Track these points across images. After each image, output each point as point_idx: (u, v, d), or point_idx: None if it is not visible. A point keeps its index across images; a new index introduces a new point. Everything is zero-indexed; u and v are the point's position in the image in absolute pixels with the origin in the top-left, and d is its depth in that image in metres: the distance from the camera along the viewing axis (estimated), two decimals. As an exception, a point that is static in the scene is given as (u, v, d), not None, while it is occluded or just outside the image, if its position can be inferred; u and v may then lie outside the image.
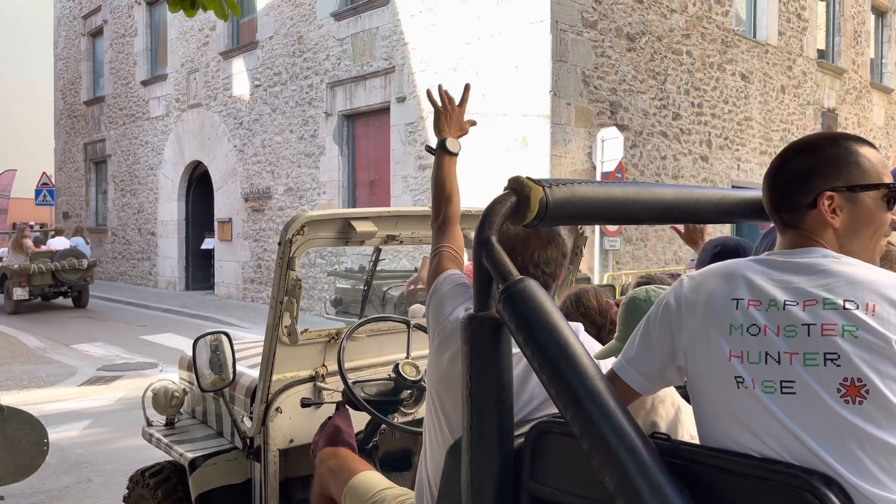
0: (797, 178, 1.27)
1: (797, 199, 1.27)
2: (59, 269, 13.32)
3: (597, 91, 9.92)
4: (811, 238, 1.26)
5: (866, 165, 1.26)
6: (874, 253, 1.28)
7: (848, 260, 1.21)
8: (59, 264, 13.36)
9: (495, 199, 1.52)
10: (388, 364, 2.52)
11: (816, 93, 14.15)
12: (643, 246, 10.84)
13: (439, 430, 1.69)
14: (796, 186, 1.27)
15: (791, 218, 1.29)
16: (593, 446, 1.24)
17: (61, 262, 13.42)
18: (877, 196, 1.25)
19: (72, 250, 14.08)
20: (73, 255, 13.74)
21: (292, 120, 13.29)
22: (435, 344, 1.72)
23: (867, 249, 1.27)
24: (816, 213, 1.25)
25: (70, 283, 13.59)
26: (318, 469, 2.23)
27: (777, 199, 1.31)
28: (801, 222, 1.27)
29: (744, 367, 1.18)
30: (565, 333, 1.34)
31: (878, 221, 1.27)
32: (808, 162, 1.27)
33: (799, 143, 1.33)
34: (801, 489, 1.08)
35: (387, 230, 2.35)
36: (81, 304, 14.15)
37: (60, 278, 13.35)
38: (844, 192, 1.24)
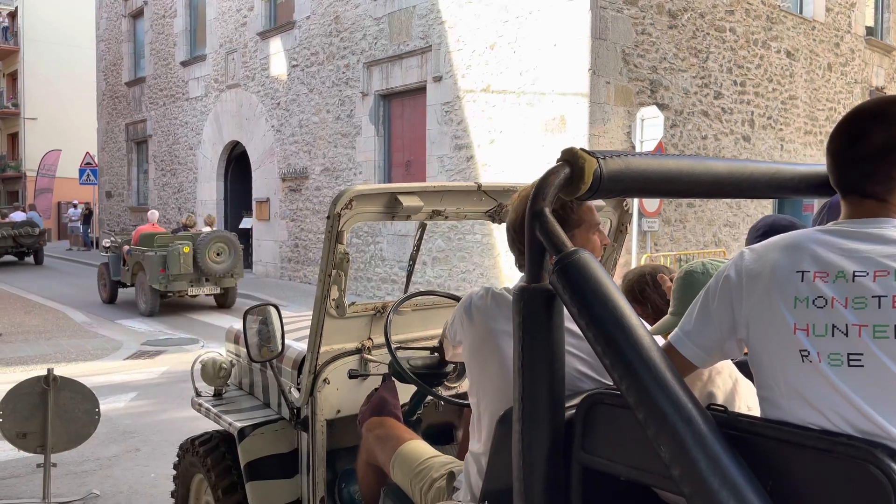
0: (887, 151, 1.22)
1: (891, 172, 1.22)
2: (18, 234, 18.18)
3: (637, 69, 9.75)
4: (891, 210, 1.22)
5: None
6: None
7: None
8: (18, 231, 18.17)
9: (549, 170, 1.52)
10: (433, 338, 2.55)
11: (864, 71, 13.72)
12: (682, 227, 10.69)
13: (479, 399, 1.72)
14: (888, 159, 1.22)
15: (880, 190, 1.23)
16: (649, 416, 1.24)
17: (19, 229, 18.25)
18: None
19: (28, 221, 19.03)
20: (28, 224, 18.70)
21: (329, 100, 13.35)
22: (464, 321, 1.78)
23: None
24: None
25: (27, 246, 18.54)
26: (364, 438, 2.26)
27: (865, 170, 1.25)
28: (889, 194, 1.23)
29: (809, 341, 1.16)
30: (621, 304, 1.33)
31: None
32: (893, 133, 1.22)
33: (871, 112, 1.26)
34: (864, 461, 1.07)
35: (432, 205, 2.36)
36: (38, 260, 19.05)
37: (20, 242, 18.25)
38: None
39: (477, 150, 10.59)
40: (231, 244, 10.79)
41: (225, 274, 10.69)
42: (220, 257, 10.65)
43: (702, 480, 1.15)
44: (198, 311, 11.26)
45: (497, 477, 1.60)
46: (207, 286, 10.73)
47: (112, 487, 4.28)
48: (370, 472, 2.26)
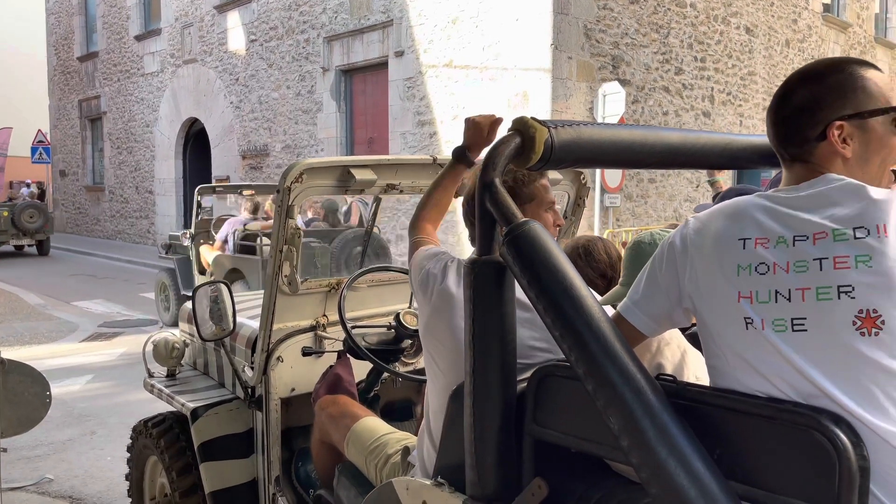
0: (803, 110, 1.22)
1: (805, 132, 1.22)
2: None
3: (598, 45, 9.75)
4: (820, 171, 1.21)
5: (874, 89, 1.20)
6: (882, 181, 1.23)
7: (852, 185, 1.16)
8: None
9: (499, 140, 1.49)
10: (389, 314, 2.51)
11: (821, 47, 13.93)
12: (643, 203, 10.79)
13: (434, 374, 1.69)
14: (803, 118, 1.22)
15: (799, 152, 1.23)
16: (598, 387, 1.23)
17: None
18: (886, 121, 1.20)
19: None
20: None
21: (289, 75, 13.10)
22: (418, 296, 1.74)
23: (876, 178, 1.22)
24: (826, 144, 1.20)
25: None
26: (317, 416, 2.23)
27: (783, 133, 1.26)
28: (809, 156, 1.22)
29: (753, 308, 1.16)
30: (570, 275, 1.31)
31: (888, 147, 1.21)
32: (814, 92, 1.21)
33: (801, 72, 1.26)
34: (809, 428, 1.07)
35: (387, 179, 2.31)
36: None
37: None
38: (854, 119, 1.19)
39: (440, 127, 10.51)
40: (40, 209, 16.29)
41: (37, 231, 16.03)
42: (32, 219, 15.98)
43: (650, 450, 1.15)
44: (156, 292, 11.04)
45: (450, 451, 1.59)
46: (25, 239, 16.22)
47: (66, 471, 4.18)
48: (324, 451, 2.23)
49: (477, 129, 1.89)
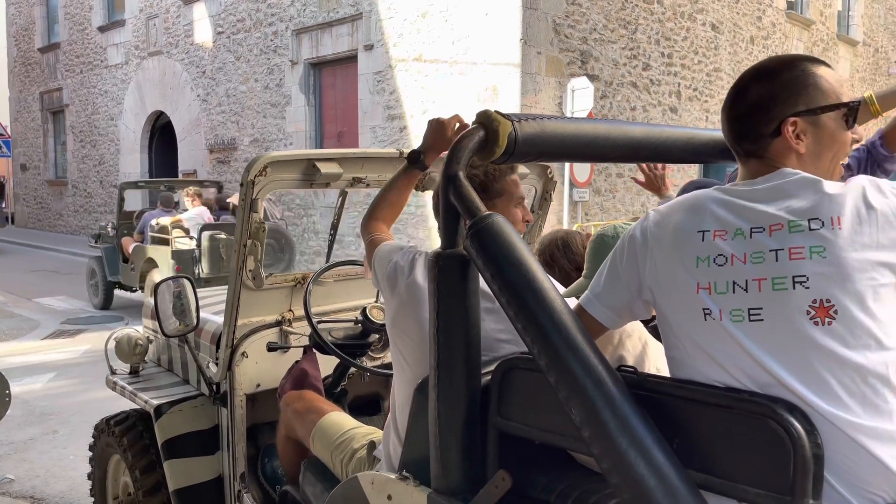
0: (758, 107, 1.24)
1: (760, 129, 1.24)
2: None
3: (567, 40, 9.79)
4: (774, 166, 1.24)
5: (825, 86, 1.23)
6: (833, 175, 1.27)
7: (807, 178, 1.19)
8: None
9: (463, 133, 1.49)
10: (356, 308, 2.50)
11: (785, 44, 14.17)
12: (612, 197, 10.89)
13: (400, 368, 1.69)
14: (758, 115, 1.24)
15: (754, 148, 1.26)
16: (560, 379, 1.23)
17: None
18: (837, 116, 1.23)
19: None
20: None
21: (257, 69, 12.94)
22: (385, 290, 1.73)
23: (828, 173, 1.25)
24: (781, 140, 1.23)
25: None
26: (283, 412, 2.22)
27: (739, 129, 1.28)
28: (764, 151, 1.25)
29: (711, 299, 1.18)
30: (533, 268, 1.32)
31: (839, 142, 1.25)
32: (767, 89, 1.24)
33: (754, 70, 1.29)
34: (764, 416, 1.09)
35: (353, 172, 2.29)
36: None
37: None
38: (807, 115, 1.22)
39: (410, 121, 10.48)
40: None
41: None
42: None
43: (610, 441, 1.16)
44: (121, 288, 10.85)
45: (415, 445, 1.59)
46: None
47: (28, 471, 4.09)
48: (290, 447, 2.22)
49: (441, 129, 1.89)
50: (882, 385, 1.09)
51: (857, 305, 1.08)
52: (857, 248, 1.10)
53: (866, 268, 1.09)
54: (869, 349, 1.08)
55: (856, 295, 1.09)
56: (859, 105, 1.25)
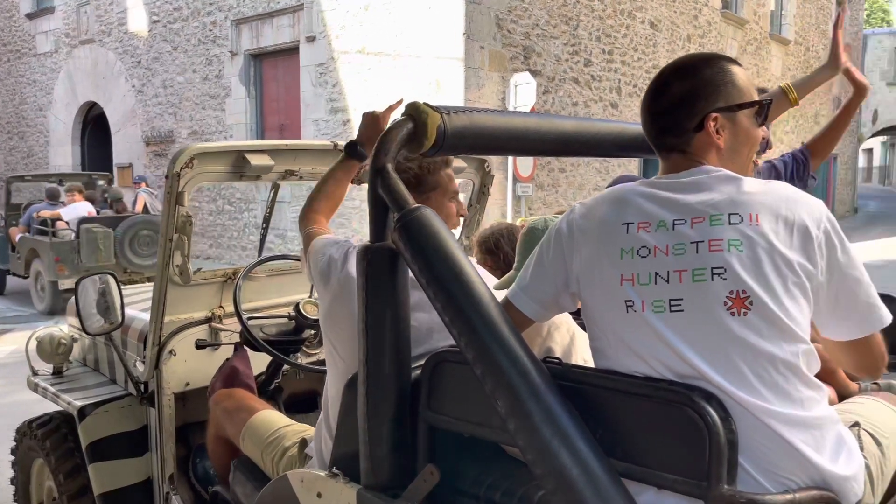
0: (682, 102, 1.27)
1: (683, 123, 1.27)
2: None
3: (510, 35, 9.85)
4: (696, 160, 1.27)
5: (741, 84, 1.27)
6: (748, 170, 1.31)
7: (729, 175, 1.23)
8: None
9: (392, 125, 1.47)
10: (289, 304, 2.45)
11: (720, 43, 14.58)
12: (554, 192, 11.02)
13: (333, 363, 1.67)
14: (682, 110, 1.27)
15: (677, 142, 1.28)
16: (486, 372, 1.24)
17: None
18: (751, 114, 1.28)
19: None
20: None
21: (195, 59, 12.60)
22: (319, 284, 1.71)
23: (744, 167, 1.30)
24: (703, 134, 1.26)
25: None
26: (212, 411, 2.16)
27: (661, 124, 1.30)
28: (686, 146, 1.28)
29: (634, 290, 1.19)
30: (460, 261, 1.32)
31: (753, 138, 1.30)
32: (691, 84, 1.27)
33: (674, 67, 1.31)
34: (682, 405, 1.11)
35: (285, 165, 2.25)
36: None
37: None
38: (727, 112, 1.25)
39: (354, 114, 10.37)
40: None
41: None
42: None
43: (535, 432, 1.17)
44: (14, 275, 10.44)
45: (346, 441, 1.57)
46: None
47: (-53, 479, 3.89)
48: (221, 446, 2.17)
49: (375, 122, 1.88)
50: (793, 374, 1.13)
51: (771, 298, 1.12)
52: (773, 246, 1.13)
53: (780, 264, 1.13)
54: (781, 340, 1.12)
55: (770, 288, 1.12)
56: (770, 103, 1.30)
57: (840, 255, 1.16)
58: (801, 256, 1.14)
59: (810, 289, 1.15)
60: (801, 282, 1.13)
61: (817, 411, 1.14)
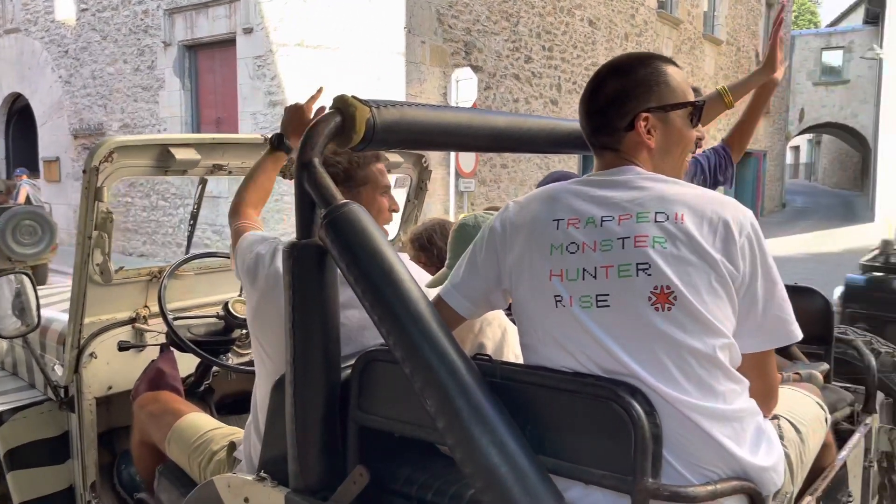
0: (614, 102, 1.28)
1: (615, 122, 1.28)
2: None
3: (451, 30, 9.85)
4: (627, 159, 1.28)
5: (674, 85, 1.28)
6: (681, 170, 1.34)
7: (658, 176, 1.25)
8: None
9: (319, 118, 1.44)
10: (218, 303, 2.38)
11: (656, 42, 14.93)
12: (496, 187, 11.09)
13: (262, 363, 1.62)
14: (613, 109, 1.28)
15: (610, 140, 1.30)
16: (415, 370, 1.22)
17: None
18: (684, 114, 1.29)
19: None
20: None
21: (126, 49, 12.17)
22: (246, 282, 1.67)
23: (676, 167, 1.32)
24: (633, 134, 1.27)
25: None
26: (136, 415, 2.08)
27: (595, 123, 1.31)
28: (618, 144, 1.29)
29: (563, 286, 1.20)
30: (389, 258, 1.29)
31: (686, 139, 1.31)
32: (622, 84, 1.28)
33: (610, 65, 1.32)
34: (608, 399, 1.12)
35: (212, 159, 2.17)
36: None
37: None
38: (658, 112, 1.26)
39: (292, 108, 10.20)
40: None
41: None
42: None
43: (464, 430, 1.16)
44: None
45: (274, 444, 1.53)
46: None
47: None
48: (146, 452, 2.08)
49: (298, 113, 1.85)
50: (715, 368, 1.15)
51: (694, 294, 1.13)
52: (696, 243, 1.15)
53: (703, 261, 1.14)
54: (704, 335, 1.14)
55: (692, 285, 1.14)
56: (703, 104, 1.32)
57: (760, 265, 1.18)
58: (724, 256, 1.15)
59: (733, 287, 1.16)
60: (724, 279, 1.15)
61: (738, 404, 1.16)
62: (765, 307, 1.18)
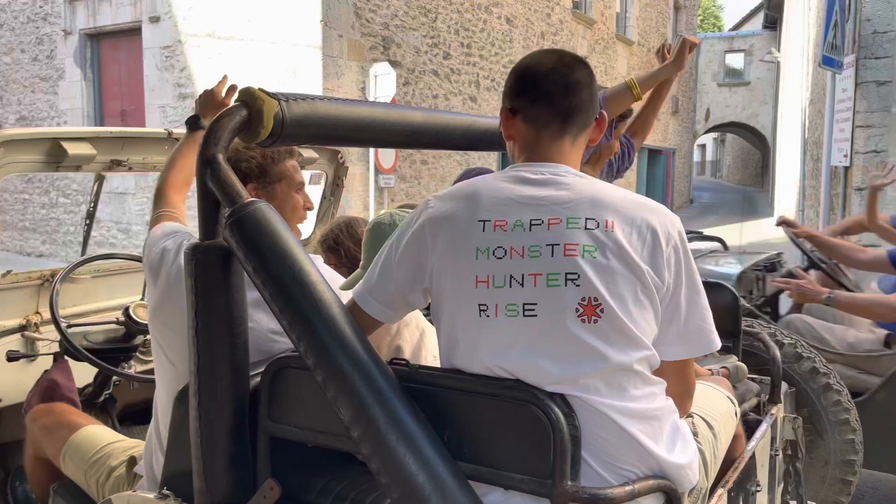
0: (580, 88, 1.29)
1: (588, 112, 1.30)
2: None
3: (369, 24, 9.73)
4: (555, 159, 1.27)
5: None
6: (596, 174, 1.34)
7: (590, 178, 1.23)
8: None
9: (223, 112, 1.36)
10: (119, 308, 2.24)
11: (571, 41, 15.24)
12: (417, 184, 11.05)
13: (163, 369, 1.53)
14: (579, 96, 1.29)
15: None
16: (328, 378, 1.17)
17: None
18: None
19: None
20: None
21: (23, 38, 11.44)
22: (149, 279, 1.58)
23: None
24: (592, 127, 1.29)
25: None
26: (29, 429, 1.93)
27: None
28: None
29: (489, 293, 1.16)
30: (299, 259, 1.23)
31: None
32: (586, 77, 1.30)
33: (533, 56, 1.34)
34: (527, 402, 1.10)
35: (111, 154, 2.04)
36: None
37: None
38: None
39: (204, 101, 9.84)
40: None
41: None
42: None
43: (380, 438, 1.11)
44: None
45: (178, 458, 1.44)
46: None
47: None
48: (39, 468, 1.93)
49: (210, 95, 1.79)
50: (636, 376, 1.15)
51: (620, 306, 1.12)
52: (626, 253, 1.14)
53: (631, 272, 1.14)
54: (628, 347, 1.13)
55: (620, 297, 1.13)
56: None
57: (685, 275, 1.18)
58: (651, 266, 1.15)
59: (657, 297, 1.16)
60: (650, 290, 1.15)
61: (656, 403, 1.16)
62: (687, 317, 1.19)
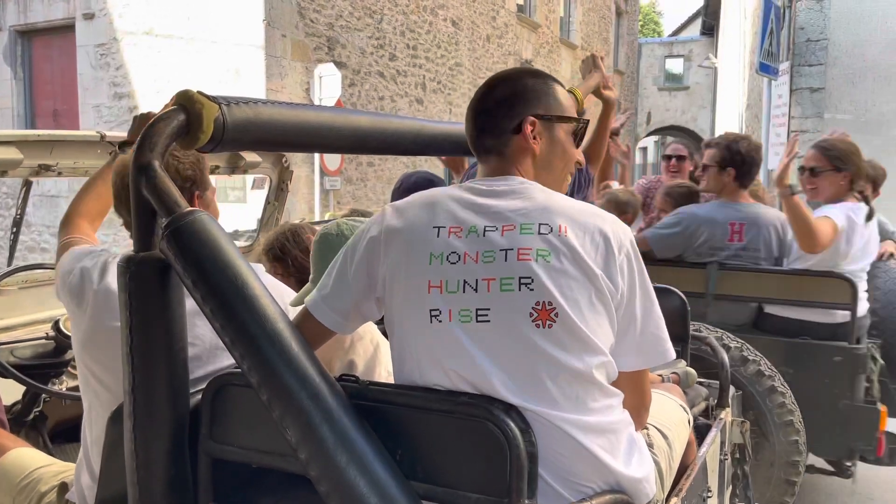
0: (502, 103, 1.28)
1: (502, 123, 1.27)
2: None
3: (313, 25, 9.60)
4: (511, 165, 1.27)
5: (561, 99, 1.31)
6: (562, 188, 1.33)
7: (542, 187, 1.23)
8: None
9: (159, 115, 1.29)
10: (49, 321, 2.12)
11: (516, 44, 15.38)
12: (363, 186, 10.95)
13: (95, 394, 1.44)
14: (502, 111, 1.27)
15: (495, 143, 1.28)
16: (273, 397, 1.11)
17: None
18: (568, 130, 1.31)
19: None
20: None
21: (-55, 32, 10.87)
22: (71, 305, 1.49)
23: (557, 182, 1.32)
24: (520, 137, 1.26)
25: None
26: (-52, 455, 1.80)
27: (482, 124, 1.30)
28: (504, 147, 1.27)
29: (442, 298, 1.14)
30: (242, 272, 1.17)
31: (568, 155, 1.32)
32: (513, 89, 1.29)
33: (503, 73, 1.35)
34: (482, 419, 1.07)
35: (39, 158, 1.92)
36: None
37: None
38: (545, 120, 1.27)
39: (141, 101, 9.53)
40: None
41: None
42: None
43: (329, 460, 1.07)
44: None
45: (112, 483, 1.36)
46: None
47: None
48: (-40, 497, 1.81)
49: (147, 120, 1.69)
50: (592, 386, 1.13)
51: (575, 311, 1.11)
52: (579, 257, 1.13)
53: (586, 276, 1.13)
54: (584, 352, 1.12)
55: (574, 301, 1.11)
56: (587, 125, 1.33)
57: (638, 283, 1.19)
58: (604, 271, 1.14)
59: (612, 304, 1.15)
60: (604, 296, 1.14)
61: (612, 416, 1.15)
62: (643, 326, 1.19)
